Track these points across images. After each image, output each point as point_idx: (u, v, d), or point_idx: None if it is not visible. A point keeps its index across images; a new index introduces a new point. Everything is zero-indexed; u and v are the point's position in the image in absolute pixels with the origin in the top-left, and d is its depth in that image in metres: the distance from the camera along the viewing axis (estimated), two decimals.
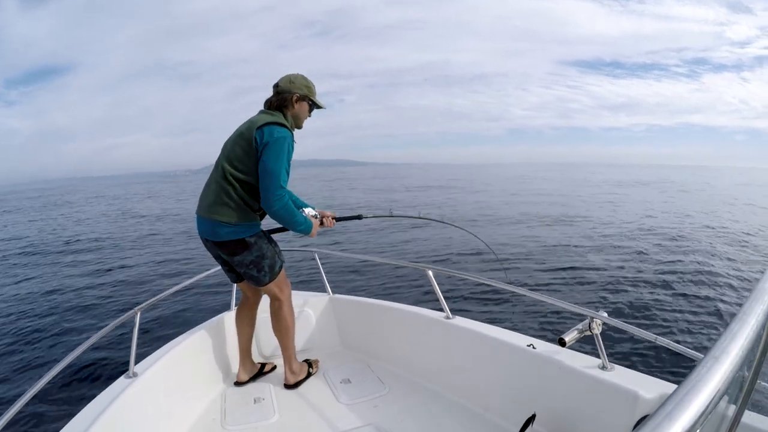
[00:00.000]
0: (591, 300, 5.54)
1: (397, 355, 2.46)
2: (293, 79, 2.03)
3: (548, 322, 4.61)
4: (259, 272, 2.06)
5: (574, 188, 30.31)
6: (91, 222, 17.26)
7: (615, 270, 6.96)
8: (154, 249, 9.93)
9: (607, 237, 10.18)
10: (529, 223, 12.59)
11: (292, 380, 2.26)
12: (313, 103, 2.10)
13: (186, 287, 2.40)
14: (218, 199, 1.95)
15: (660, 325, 4.70)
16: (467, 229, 2.69)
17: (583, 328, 1.55)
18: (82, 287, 6.64)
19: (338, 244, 9.33)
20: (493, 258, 6.57)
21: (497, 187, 31.96)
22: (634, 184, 35.73)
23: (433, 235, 10.22)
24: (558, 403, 1.67)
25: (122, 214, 20.09)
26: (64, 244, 11.19)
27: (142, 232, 13.11)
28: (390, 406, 2.07)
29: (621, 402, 1.44)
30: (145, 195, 36.63)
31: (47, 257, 9.69)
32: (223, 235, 1.96)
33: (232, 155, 1.95)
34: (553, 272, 6.90)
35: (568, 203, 19.32)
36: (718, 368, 0.47)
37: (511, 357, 1.87)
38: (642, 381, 1.49)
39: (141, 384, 1.74)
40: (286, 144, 1.92)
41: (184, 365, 2.09)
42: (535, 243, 9.27)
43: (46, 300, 6.04)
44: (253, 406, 2.09)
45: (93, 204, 28.51)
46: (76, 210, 24.25)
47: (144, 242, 11.06)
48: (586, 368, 1.59)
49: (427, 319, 2.30)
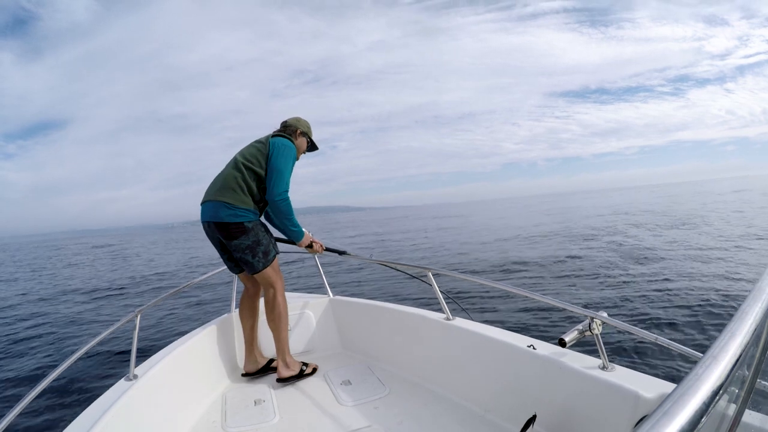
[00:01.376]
0: (591, 300, 5.55)
1: (397, 357, 2.46)
2: (299, 119, 2.50)
3: (548, 323, 4.61)
4: (254, 257, 2.21)
5: (572, 213, 29.84)
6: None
7: (615, 270, 6.96)
8: None
9: (608, 240, 10.19)
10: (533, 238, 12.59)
11: (285, 374, 2.29)
12: (311, 141, 2.52)
13: (186, 290, 2.41)
14: (225, 183, 2.19)
15: (660, 325, 4.70)
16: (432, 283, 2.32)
17: (584, 328, 1.55)
18: (82, 290, 6.64)
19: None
20: (495, 262, 6.56)
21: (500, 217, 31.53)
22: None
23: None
24: (558, 403, 1.67)
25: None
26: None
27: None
28: (391, 407, 2.07)
29: (621, 402, 1.44)
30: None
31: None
32: (224, 216, 2.15)
33: (246, 152, 2.28)
34: (553, 273, 6.90)
35: (568, 220, 19.23)
36: (716, 367, 0.47)
37: (512, 358, 1.87)
38: (642, 381, 1.49)
39: (141, 386, 1.74)
40: (293, 153, 2.28)
41: (185, 367, 2.09)
42: (537, 251, 9.27)
43: (46, 304, 6.03)
44: (254, 408, 2.09)
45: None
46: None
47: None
48: (587, 368, 1.59)
49: (428, 320, 2.30)
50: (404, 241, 17.73)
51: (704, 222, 14.31)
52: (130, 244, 39.06)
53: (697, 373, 0.46)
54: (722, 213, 17.90)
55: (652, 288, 6.00)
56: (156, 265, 15.69)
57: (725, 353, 0.50)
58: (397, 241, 17.59)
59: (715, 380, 0.46)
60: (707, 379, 0.46)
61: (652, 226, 13.07)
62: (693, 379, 0.46)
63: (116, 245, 39.18)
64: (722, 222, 13.84)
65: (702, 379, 0.46)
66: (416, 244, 16.02)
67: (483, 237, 15.92)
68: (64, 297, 9.72)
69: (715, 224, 13.69)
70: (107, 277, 12.20)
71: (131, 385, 1.71)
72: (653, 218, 16.66)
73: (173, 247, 29.10)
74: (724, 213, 17.96)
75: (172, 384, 1.95)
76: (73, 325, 5.69)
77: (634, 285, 6.13)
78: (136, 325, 1.93)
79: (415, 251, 13.54)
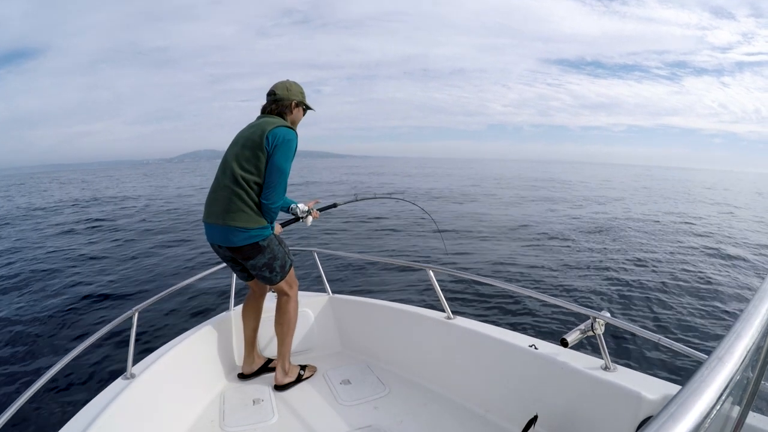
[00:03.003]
0: (593, 300, 5.55)
1: (397, 356, 2.46)
2: (289, 86, 2.16)
3: (550, 322, 4.61)
4: (271, 273, 2.15)
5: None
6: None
7: (617, 269, 6.96)
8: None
9: (608, 234, 10.20)
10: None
11: (283, 381, 2.28)
12: (306, 107, 2.27)
13: (184, 287, 2.41)
14: (231, 205, 2.00)
15: (663, 325, 4.70)
16: (417, 204, 3.37)
17: (586, 328, 1.55)
18: (80, 283, 6.65)
19: (337, 244, 9.34)
20: (495, 261, 6.56)
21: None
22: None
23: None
24: (560, 404, 1.67)
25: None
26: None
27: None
28: (390, 407, 2.08)
29: (624, 403, 1.44)
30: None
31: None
32: (238, 241, 2.03)
33: (241, 158, 2.02)
34: (555, 271, 6.90)
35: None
36: (722, 369, 0.47)
37: (513, 358, 1.87)
38: (645, 382, 1.49)
39: (139, 385, 1.74)
40: (294, 145, 2.06)
41: (183, 366, 2.09)
42: (535, 241, 9.29)
43: (42, 300, 6.04)
44: (252, 408, 2.09)
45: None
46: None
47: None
48: (589, 369, 1.59)
49: (428, 319, 2.30)
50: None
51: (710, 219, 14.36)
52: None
53: (702, 375, 0.46)
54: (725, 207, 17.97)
55: (655, 287, 6.00)
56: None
57: (731, 355, 0.49)
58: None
59: (721, 383, 0.45)
60: (712, 382, 0.45)
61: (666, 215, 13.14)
62: (698, 381, 0.45)
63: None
64: (729, 221, 13.86)
65: (707, 381, 0.45)
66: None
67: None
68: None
69: (721, 222, 13.73)
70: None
71: (128, 384, 1.71)
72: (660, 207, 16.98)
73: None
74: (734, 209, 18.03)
75: (169, 383, 1.95)
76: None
77: (637, 284, 6.13)
78: (134, 323, 1.93)
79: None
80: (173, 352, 2.05)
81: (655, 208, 17.36)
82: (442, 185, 27.10)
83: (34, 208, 17.94)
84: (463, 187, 25.77)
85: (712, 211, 17.45)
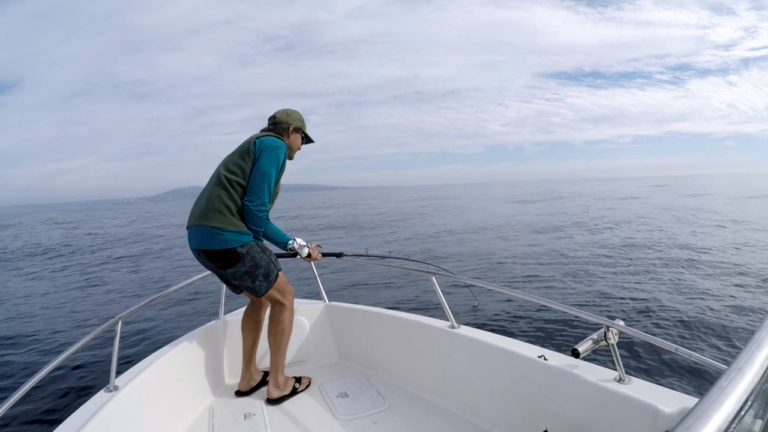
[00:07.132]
0: (606, 308, 5.55)
1: (398, 367, 2.46)
2: (289, 112, 2.33)
3: (560, 332, 4.61)
4: (254, 282, 2.13)
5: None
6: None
7: (631, 277, 6.97)
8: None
9: (623, 243, 10.21)
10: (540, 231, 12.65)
11: (276, 394, 2.27)
12: (306, 136, 2.39)
13: (170, 294, 2.40)
14: (210, 204, 2.06)
15: (680, 334, 4.70)
16: (434, 266, 2.57)
17: (598, 338, 1.55)
18: (58, 292, 6.64)
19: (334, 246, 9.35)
20: (497, 266, 6.57)
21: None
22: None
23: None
24: (571, 418, 1.67)
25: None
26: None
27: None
28: (390, 422, 2.07)
29: (639, 417, 1.44)
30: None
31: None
32: (215, 244, 2.04)
33: (229, 162, 2.14)
34: (565, 278, 6.91)
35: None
36: (742, 380, 0.47)
37: (521, 369, 1.87)
38: (661, 394, 1.49)
39: (122, 398, 1.73)
40: (281, 153, 2.15)
41: (169, 378, 2.08)
42: (544, 249, 9.29)
43: (19, 308, 6.04)
44: (243, 423, 2.08)
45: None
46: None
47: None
48: (602, 381, 1.59)
49: (431, 328, 2.30)
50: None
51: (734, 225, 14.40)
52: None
53: (721, 386, 0.46)
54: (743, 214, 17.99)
55: (671, 295, 6.00)
56: None
57: (751, 365, 0.49)
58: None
59: (741, 394, 0.45)
60: (732, 393, 0.45)
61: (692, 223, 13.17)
62: (717, 393, 0.45)
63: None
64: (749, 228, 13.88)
65: (726, 392, 0.45)
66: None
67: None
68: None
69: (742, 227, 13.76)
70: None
71: (111, 397, 1.70)
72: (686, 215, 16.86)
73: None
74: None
75: (155, 396, 1.94)
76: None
77: (652, 292, 6.13)
78: (117, 333, 1.93)
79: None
80: (159, 362, 2.05)
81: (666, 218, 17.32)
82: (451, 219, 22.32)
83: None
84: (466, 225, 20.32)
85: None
